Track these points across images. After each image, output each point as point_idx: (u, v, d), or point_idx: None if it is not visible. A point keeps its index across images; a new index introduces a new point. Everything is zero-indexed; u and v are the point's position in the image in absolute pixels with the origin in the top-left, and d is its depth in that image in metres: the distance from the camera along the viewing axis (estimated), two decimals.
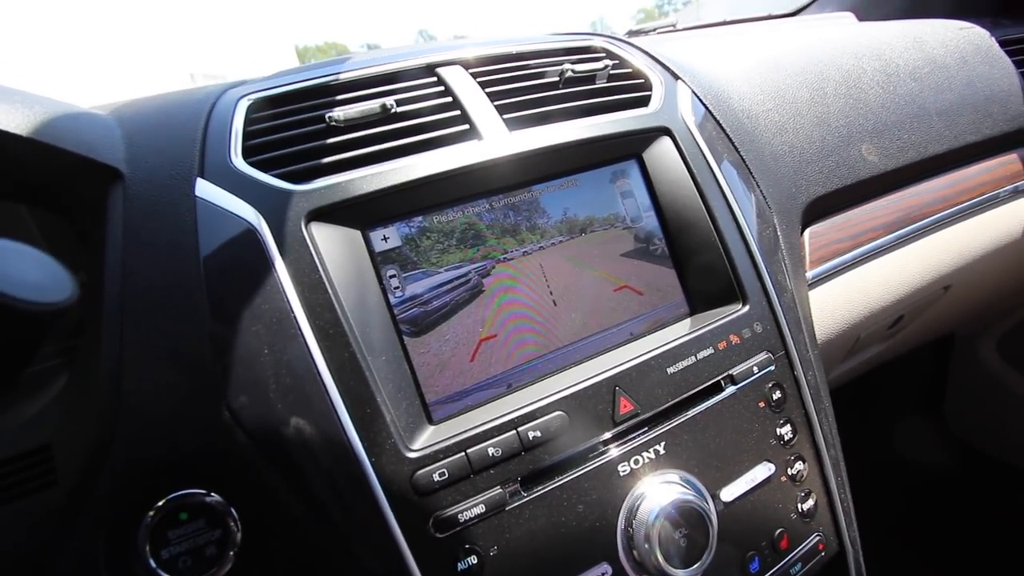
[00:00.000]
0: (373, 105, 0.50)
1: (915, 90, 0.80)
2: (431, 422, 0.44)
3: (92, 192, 0.43)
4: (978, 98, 0.83)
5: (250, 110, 0.50)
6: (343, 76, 0.54)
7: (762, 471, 0.49)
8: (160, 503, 0.36)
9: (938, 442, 1.36)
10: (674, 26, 1.31)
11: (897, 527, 1.27)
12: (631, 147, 0.56)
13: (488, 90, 0.55)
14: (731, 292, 0.53)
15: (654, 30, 1.21)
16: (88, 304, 0.41)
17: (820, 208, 0.69)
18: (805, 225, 0.68)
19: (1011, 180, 0.85)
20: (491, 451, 0.41)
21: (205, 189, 0.44)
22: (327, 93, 0.53)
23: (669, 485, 0.45)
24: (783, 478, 0.50)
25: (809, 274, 0.66)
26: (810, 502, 0.51)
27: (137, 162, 0.45)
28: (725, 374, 0.50)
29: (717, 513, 0.46)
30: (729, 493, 0.47)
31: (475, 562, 0.39)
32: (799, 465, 0.51)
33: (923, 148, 0.76)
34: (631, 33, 1.16)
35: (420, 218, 0.48)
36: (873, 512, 0.79)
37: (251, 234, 0.42)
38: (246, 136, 0.48)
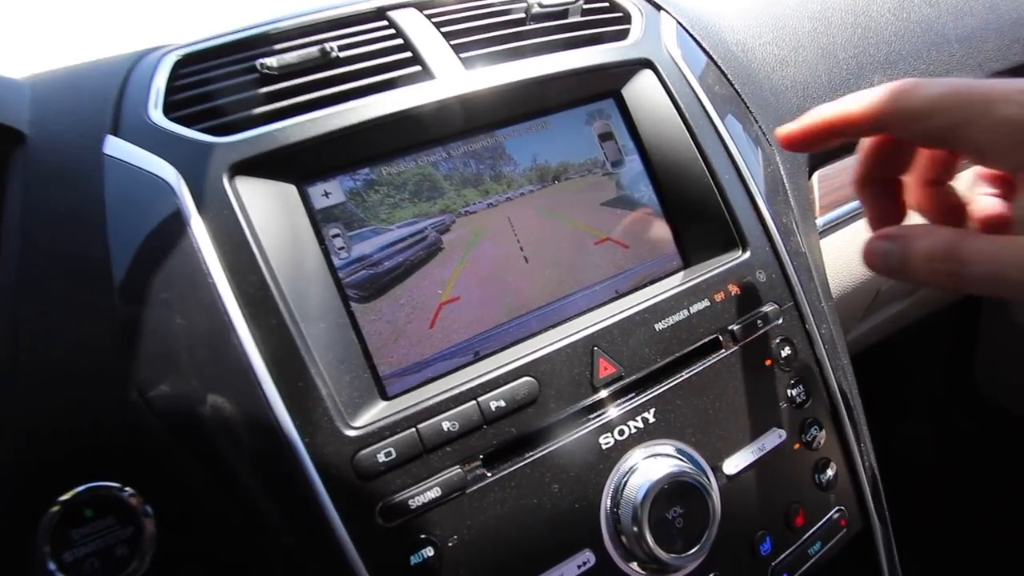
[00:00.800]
0: (312, 50, 0.44)
1: (931, 15, 0.72)
2: (385, 397, 0.38)
3: None
4: (1003, 22, 0.75)
5: (176, 66, 0.45)
6: (283, 24, 0.49)
7: (771, 438, 0.43)
8: (61, 499, 0.32)
9: (970, 408, 1.27)
10: None
11: (927, 503, 1.19)
12: (608, 83, 0.50)
13: (444, 30, 0.49)
14: (729, 238, 0.47)
15: None
16: None
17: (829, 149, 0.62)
18: (813, 168, 0.61)
19: None
20: (446, 425, 0.35)
21: (116, 146, 0.39)
22: (263, 43, 0.47)
23: (661, 458, 0.39)
24: (796, 445, 0.44)
25: (819, 221, 0.59)
26: (829, 472, 0.44)
27: (43, 123, 0.40)
28: (724, 329, 0.44)
29: (719, 488, 0.40)
30: (733, 465, 0.41)
31: (431, 555, 0.33)
32: (814, 430, 0.44)
33: (944, 78, 0.68)
34: None
35: (366, 170, 0.42)
36: (900, 487, 0.72)
37: (166, 192, 0.37)
38: (170, 92, 0.43)
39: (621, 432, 0.39)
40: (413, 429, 0.35)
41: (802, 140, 0.33)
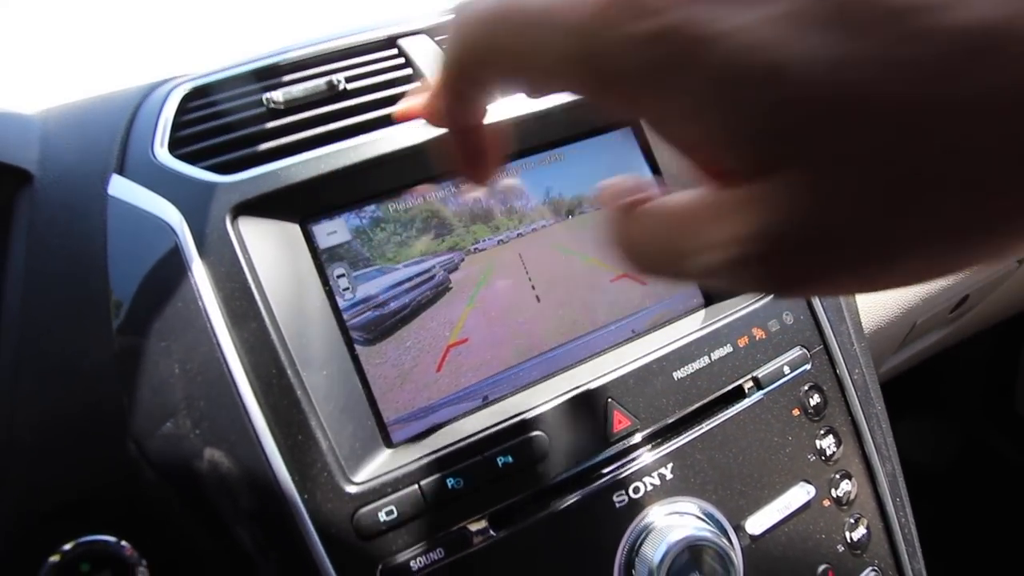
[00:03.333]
0: (319, 83, 0.43)
1: None
2: (389, 445, 0.37)
3: None
4: None
5: (185, 100, 0.44)
6: (292, 55, 0.48)
7: (799, 494, 0.40)
8: (56, 554, 0.31)
9: (1014, 433, 1.21)
10: None
11: (967, 539, 1.13)
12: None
13: None
14: None
15: None
16: None
17: None
18: None
19: None
20: (450, 482, 0.33)
21: (120, 187, 0.38)
22: (271, 75, 0.47)
23: (679, 516, 0.36)
24: (826, 502, 0.41)
25: None
26: (861, 530, 0.41)
27: (50, 162, 0.40)
28: (748, 377, 0.41)
29: (742, 549, 0.37)
30: (757, 524, 0.38)
31: None
32: (846, 485, 0.41)
33: None
34: None
35: (372, 207, 0.41)
36: (939, 526, 0.68)
37: (168, 234, 0.36)
38: (176, 127, 0.42)
39: (636, 489, 0.36)
40: (416, 486, 0.33)
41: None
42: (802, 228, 0.14)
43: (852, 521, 0.41)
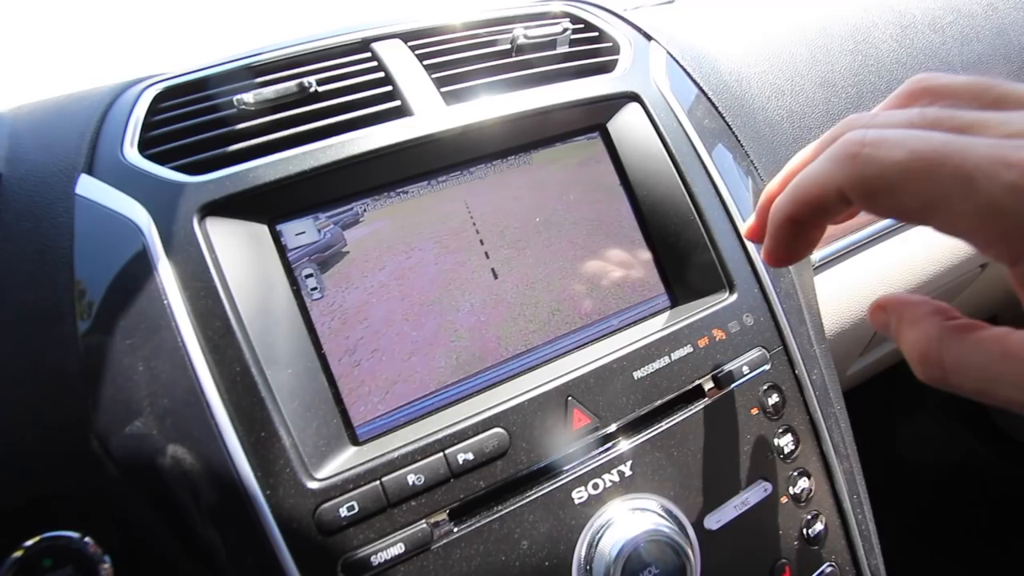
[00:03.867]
0: (291, 85, 0.44)
1: (936, 42, 0.70)
2: (356, 442, 0.37)
3: None
4: (1011, 48, 0.73)
5: (156, 100, 0.45)
6: (265, 56, 0.49)
7: (757, 492, 0.41)
8: (19, 550, 0.31)
9: (984, 437, 1.23)
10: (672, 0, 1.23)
11: (929, 534, 1.15)
12: (593, 117, 0.49)
13: (427, 62, 0.48)
14: (716, 279, 0.45)
15: (654, 6, 1.13)
16: None
17: None
18: None
19: None
20: (411, 479, 0.34)
21: (88, 186, 0.38)
22: (243, 76, 0.47)
23: (638, 513, 0.37)
24: (784, 499, 0.42)
25: (815, 256, 0.58)
26: (818, 525, 0.42)
27: (18, 160, 0.40)
28: (708, 376, 0.42)
29: (699, 544, 0.38)
30: (715, 520, 0.39)
31: None
32: (804, 482, 0.42)
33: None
34: (627, 11, 1.08)
35: (341, 208, 0.42)
36: (898, 515, 0.69)
37: (134, 234, 0.36)
38: (147, 127, 0.43)
39: (596, 486, 0.37)
40: (377, 482, 0.34)
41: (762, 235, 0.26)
42: None
43: (809, 518, 0.42)
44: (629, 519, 0.36)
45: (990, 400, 0.20)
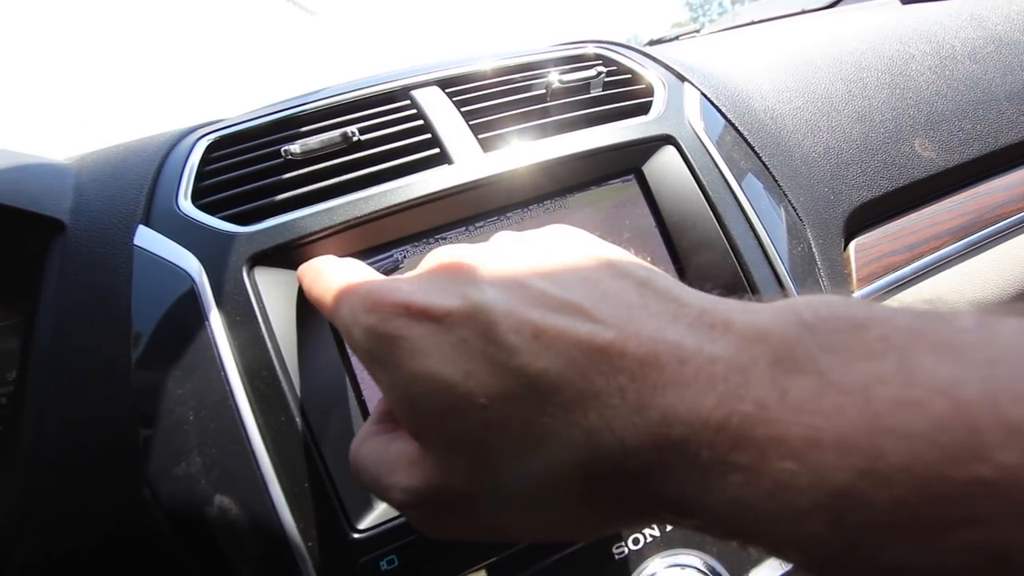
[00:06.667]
0: (335, 135, 0.46)
1: (977, 72, 0.68)
2: None
3: (33, 246, 0.41)
4: None
5: (209, 149, 0.47)
6: (310, 106, 0.51)
7: None
8: None
9: None
10: (698, 32, 1.23)
11: None
12: (627, 161, 0.49)
13: (464, 109, 0.50)
14: None
15: (676, 38, 1.14)
16: (21, 367, 0.38)
17: (867, 216, 0.59)
18: (849, 237, 0.58)
19: None
20: None
21: (145, 237, 0.40)
22: (291, 125, 0.49)
23: (680, 570, 0.36)
24: None
25: (856, 295, 0.56)
26: None
27: (81, 212, 0.42)
28: None
29: None
30: None
31: None
32: None
33: (992, 139, 0.65)
34: (651, 43, 1.09)
35: (384, 254, 0.43)
36: None
37: (188, 284, 0.38)
38: (200, 177, 0.45)
39: (636, 541, 0.36)
40: (416, 535, 0.34)
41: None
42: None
43: None
44: (672, 575, 0.35)
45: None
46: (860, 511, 0.13)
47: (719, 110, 0.55)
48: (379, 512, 0.35)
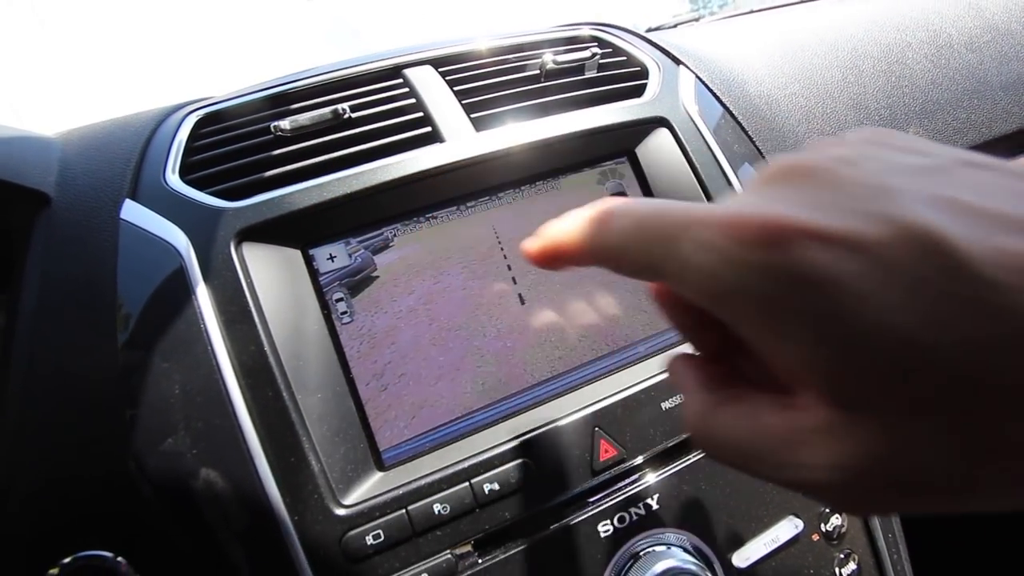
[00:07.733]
0: (325, 112, 0.45)
1: (973, 62, 0.68)
2: (381, 468, 0.38)
3: (18, 219, 0.40)
4: None
5: (197, 125, 0.46)
6: (301, 83, 0.50)
7: (787, 528, 0.40)
8: (55, 567, 0.32)
9: None
10: (696, 20, 1.22)
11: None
12: (621, 142, 0.49)
13: (457, 88, 0.49)
14: None
15: (674, 26, 1.13)
16: (6, 341, 0.37)
17: None
18: None
19: None
20: (437, 508, 0.34)
21: (132, 211, 0.40)
22: (281, 102, 0.49)
23: (665, 548, 0.36)
24: (815, 536, 0.41)
25: None
26: (851, 565, 0.41)
27: (67, 185, 0.42)
28: None
29: None
30: (743, 557, 0.38)
31: None
32: (836, 519, 0.41)
33: (986, 128, 0.65)
34: (650, 30, 1.08)
35: (372, 233, 0.42)
36: (936, 556, 0.66)
37: (174, 258, 0.37)
38: (188, 152, 0.44)
39: (621, 519, 0.37)
40: (403, 511, 0.34)
41: (544, 262, 0.24)
42: (882, 467, 0.15)
43: (842, 556, 0.41)
44: (655, 554, 0.36)
45: (754, 476, 0.18)
46: None
47: (714, 94, 0.55)
48: (366, 488, 0.36)
